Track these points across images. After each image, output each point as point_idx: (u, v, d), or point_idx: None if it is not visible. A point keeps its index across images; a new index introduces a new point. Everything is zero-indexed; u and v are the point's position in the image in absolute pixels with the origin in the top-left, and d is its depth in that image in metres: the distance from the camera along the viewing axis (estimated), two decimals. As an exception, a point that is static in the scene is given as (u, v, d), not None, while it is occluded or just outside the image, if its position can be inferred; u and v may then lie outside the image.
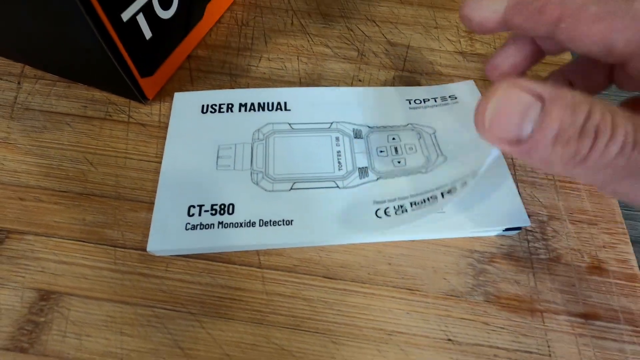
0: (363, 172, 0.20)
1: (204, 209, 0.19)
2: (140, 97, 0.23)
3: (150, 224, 0.20)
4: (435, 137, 0.22)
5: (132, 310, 0.17)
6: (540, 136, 0.12)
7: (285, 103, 0.23)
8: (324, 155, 0.21)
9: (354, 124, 0.22)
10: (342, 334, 0.17)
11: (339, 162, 0.21)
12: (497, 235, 0.20)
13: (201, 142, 0.21)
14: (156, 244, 0.18)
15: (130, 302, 0.18)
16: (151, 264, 0.19)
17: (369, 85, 0.25)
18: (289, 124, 0.22)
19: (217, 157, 0.21)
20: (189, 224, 0.19)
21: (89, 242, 0.19)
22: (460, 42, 0.28)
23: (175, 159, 0.21)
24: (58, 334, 0.17)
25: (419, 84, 0.25)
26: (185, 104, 0.23)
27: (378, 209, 0.19)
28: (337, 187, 0.20)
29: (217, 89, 0.25)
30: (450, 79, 0.26)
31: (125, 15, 0.20)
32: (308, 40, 0.27)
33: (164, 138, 0.22)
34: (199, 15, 0.25)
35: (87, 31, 0.19)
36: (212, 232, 0.18)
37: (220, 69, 0.26)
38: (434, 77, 0.26)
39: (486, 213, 0.19)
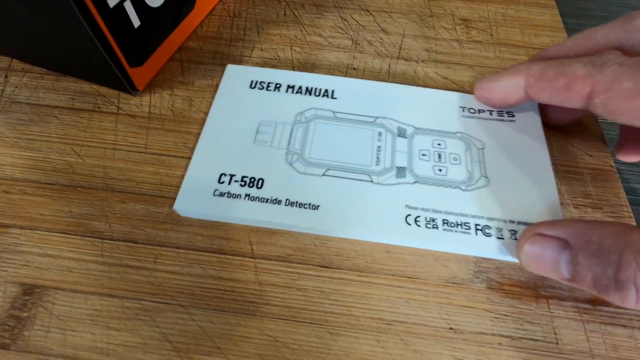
0: (401, 171, 0.19)
1: (234, 178, 0.19)
2: (129, 88, 0.22)
3: (139, 214, 0.19)
4: (483, 153, 0.20)
5: (119, 304, 0.17)
6: (579, 281, 0.13)
7: (332, 91, 0.23)
8: (363, 147, 0.20)
9: (400, 122, 0.21)
10: (338, 324, 0.17)
11: (378, 157, 0.20)
12: None
13: (244, 114, 0.21)
14: (183, 203, 0.18)
15: (117, 295, 0.17)
16: (139, 255, 0.18)
17: (363, 73, 0.25)
18: (333, 112, 0.22)
19: (257, 132, 0.21)
20: (217, 190, 0.19)
21: (75, 235, 0.18)
22: (456, 30, 0.27)
23: (217, 127, 0.21)
24: (41, 329, 0.16)
25: (415, 72, 0.25)
26: (236, 77, 0.23)
27: (409, 215, 0.18)
28: (372, 181, 0.19)
29: (208, 79, 0.24)
30: (447, 65, 0.25)
31: (112, 1, 0.19)
32: (301, 30, 0.27)
33: (155, 129, 0.22)
34: (189, 5, 0.25)
35: (74, 18, 0.18)
36: (238, 202, 0.18)
37: (212, 59, 0.25)
38: (430, 64, 0.25)
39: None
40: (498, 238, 0.17)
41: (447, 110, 0.22)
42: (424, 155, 0.20)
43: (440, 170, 0.20)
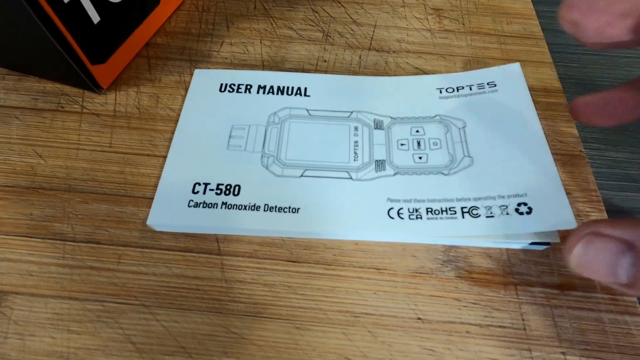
0: (380, 165, 0.19)
1: (209, 187, 0.18)
2: (93, 86, 0.22)
3: (102, 214, 0.18)
4: (464, 132, 0.20)
5: (81, 306, 0.16)
6: (639, 287, 0.11)
7: (305, 89, 0.22)
8: (341, 144, 0.20)
9: (376, 114, 0.21)
10: (306, 318, 0.16)
11: (355, 153, 0.19)
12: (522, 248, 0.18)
13: (215, 120, 0.21)
14: (157, 218, 0.18)
15: (78, 298, 0.16)
16: (102, 256, 0.17)
17: (334, 65, 0.24)
18: (307, 110, 0.21)
19: (230, 136, 0.20)
20: (192, 201, 0.18)
21: (36, 237, 0.18)
22: (427, 20, 0.27)
23: (188, 135, 0.20)
24: None
25: (386, 63, 0.25)
26: (204, 81, 0.23)
27: (391, 208, 0.18)
28: (351, 178, 0.19)
29: (176, 76, 0.24)
30: (418, 55, 0.25)
31: (66, -3, 0.18)
32: (271, 24, 0.26)
33: (120, 127, 0.21)
34: (155, 0, 0.24)
35: (26, 15, 0.18)
36: (215, 211, 0.18)
37: (180, 55, 0.25)
38: (401, 55, 0.25)
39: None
40: (487, 217, 0.17)
41: (424, 94, 0.22)
42: (402, 145, 0.20)
43: (420, 158, 0.19)
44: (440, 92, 0.22)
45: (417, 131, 0.20)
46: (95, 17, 0.20)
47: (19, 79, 0.23)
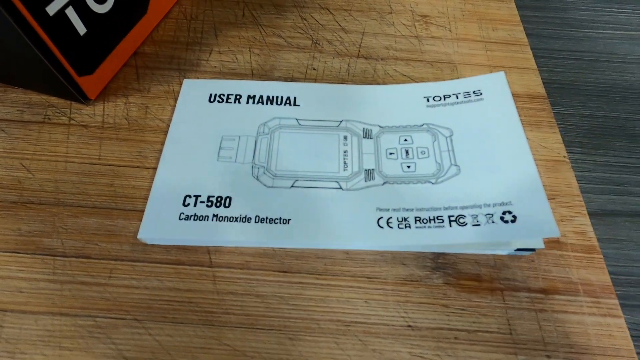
0: (369, 174, 0.19)
1: (200, 199, 0.18)
2: (80, 97, 0.22)
3: (92, 228, 0.18)
4: (451, 140, 0.20)
5: (72, 322, 0.16)
6: None
7: (295, 98, 0.22)
8: (330, 154, 0.20)
9: (365, 123, 0.21)
10: (298, 329, 0.17)
11: (345, 162, 0.20)
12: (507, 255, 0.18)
13: (205, 131, 0.21)
14: (148, 231, 0.18)
15: (69, 314, 0.16)
16: (93, 271, 0.17)
17: (323, 73, 0.25)
18: (297, 120, 0.21)
19: (220, 148, 0.20)
20: (183, 213, 0.18)
21: (25, 253, 0.18)
22: (415, 27, 0.27)
23: (177, 147, 0.20)
24: (-10, 353, 0.16)
25: (374, 71, 0.25)
26: (193, 92, 0.23)
27: (380, 218, 0.18)
28: (340, 188, 0.19)
29: (165, 85, 0.24)
30: (406, 62, 0.25)
31: (52, 9, 0.18)
32: (260, 32, 0.26)
33: (109, 139, 0.21)
34: (141, 10, 0.24)
35: (9, 29, 0.17)
36: (206, 224, 0.18)
37: (168, 64, 0.25)
38: (389, 62, 0.25)
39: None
40: (474, 225, 0.17)
41: (411, 103, 0.22)
42: (391, 154, 0.20)
43: (408, 167, 0.19)
44: (428, 100, 0.22)
45: (406, 140, 0.20)
46: (82, 29, 0.20)
47: (4, 90, 0.23)
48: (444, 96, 0.22)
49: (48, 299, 0.17)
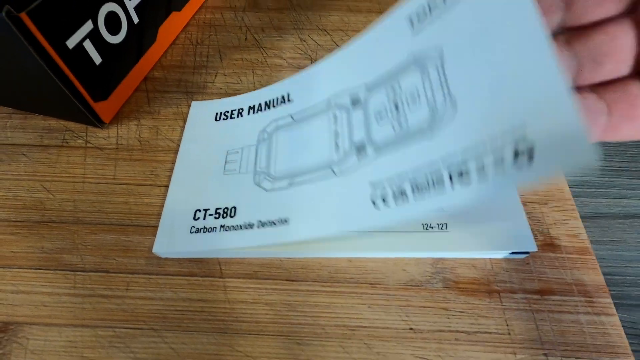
0: (361, 150, 0.18)
1: (208, 212, 0.20)
2: (95, 121, 0.23)
3: (110, 244, 0.20)
4: (442, 64, 0.15)
5: (93, 333, 0.17)
6: None
7: (288, 94, 0.22)
8: (322, 139, 0.19)
9: (350, 88, 0.19)
10: (305, 334, 0.17)
11: (337, 144, 0.19)
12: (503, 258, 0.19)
13: (213, 148, 0.22)
14: (162, 246, 0.19)
15: (90, 325, 0.17)
16: (111, 284, 0.19)
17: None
18: (291, 116, 0.22)
19: (225, 162, 0.21)
20: (194, 227, 0.19)
21: (47, 269, 0.19)
22: (408, 43, 0.29)
23: (187, 164, 0.22)
24: (17, 365, 0.17)
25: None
26: (201, 112, 0.24)
27: (375, 195, 0.16)
28: (334, 173, 0.18)
29: (174, 107, 0.25)
30: (400, 78, 0.27)
31: (71, 43, 0.20)
32: (262, 54, 0.28)
33: (123, 159, 0.23)
34: (151, 38, 0.26)
35: (33, 61, 0.19)
36: (214, 235, 0.19)
37: (177, 87, 0.26)
38: (385, 78, 0.27)
39: (492, 234, 0.18)
40: (479, 181, 0.13)
41: (393, 34, 0.17)
42: (381, 118, 0.18)
43: (400, 125, 0.16)
44: (412, 22, 0.16)
45: (392, 88, 0.17)
46: (97, 59, 0.22)
47: (24, 117, 0.25)
48: (429, 6, 0.15)
49: (70, 311, 0.18)
